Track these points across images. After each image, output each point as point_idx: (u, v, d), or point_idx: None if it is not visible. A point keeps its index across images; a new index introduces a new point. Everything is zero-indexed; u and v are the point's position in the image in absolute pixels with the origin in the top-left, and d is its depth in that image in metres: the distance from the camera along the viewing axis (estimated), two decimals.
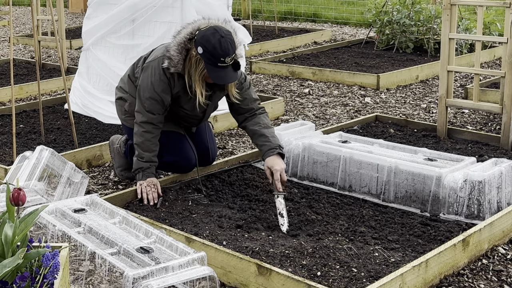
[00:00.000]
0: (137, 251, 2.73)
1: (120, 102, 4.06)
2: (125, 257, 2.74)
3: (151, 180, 3.76)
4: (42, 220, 3.03)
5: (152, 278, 2.51)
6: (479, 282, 3.01)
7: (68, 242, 2.87)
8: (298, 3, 12.88)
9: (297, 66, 7.39)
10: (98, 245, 2.83)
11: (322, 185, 4.04)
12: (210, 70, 3.53)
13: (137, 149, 3.81)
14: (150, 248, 2.75)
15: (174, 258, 2.66)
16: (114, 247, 2.80)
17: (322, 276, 2.92)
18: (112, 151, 4.26)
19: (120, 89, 4.06)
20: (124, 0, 5.28)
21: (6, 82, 7.00)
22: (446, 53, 4.87)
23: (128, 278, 2.49)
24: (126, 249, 2.75)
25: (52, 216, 3.10)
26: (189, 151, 3.94)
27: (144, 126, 3.75)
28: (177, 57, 3.59)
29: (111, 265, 2.65)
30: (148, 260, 2.65)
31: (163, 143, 3.87)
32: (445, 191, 3.54)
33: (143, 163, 3.79)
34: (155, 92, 3.69)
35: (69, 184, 3.76)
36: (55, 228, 2.96)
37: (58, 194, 3.63)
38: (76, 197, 3.46)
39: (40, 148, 3.78)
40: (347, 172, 3.92)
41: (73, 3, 14.26)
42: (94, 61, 5.63)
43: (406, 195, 3.70)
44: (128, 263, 2.66)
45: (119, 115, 4.11)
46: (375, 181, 3.81)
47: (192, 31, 3.60)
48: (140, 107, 3.76)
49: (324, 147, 4.05)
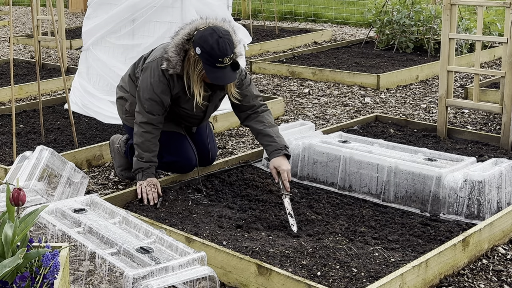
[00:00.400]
0: (137, 251, 2.73)
1: (121, 101, 4.06)
2: (125, 257, 2.74)
3: (151, 180, 3.76)
4: (42, 220, 3.04)
5: (152, 278, 2.51)
6: (479, 282, 3.01)
7: (68, 242, 2.87)
8: (298, 3, 12.88)
9: (297, 66, 7.39)
10: (98, 245, 2.83)
11: (322, 185, 4.04)
12: (208, 70, 3.52)
13: (137, 149, 3.81)
14: (150, 248, 2.75)
15: (174, 258, 2.66)
16: (114, 247, 2.80)
17: (322, 276, 2.92)
18: (112, 150, 4.26)
19: (121, 88, 4.06)
20: (124, 0, 5.28)
21: (6, 82, 7.00)
22: (446, 53, 4.87)
23: (128, 278, 2.49)
24: (126, 249, 2.75)
25: (52, 216, 3.10)
26: (189, 151, 3.94)
27: (144, 126, 3.76)
28: (175, 58, 3.59)
29: (111, 265, 2.65)
30: (148, 260, 2.65)
31: (163, 143, 3.87)
32: (445, 191, 3.54)
33: (143, 163, 3.79)
34: (154, 93, 3.69)
35: (69, 184, 3.76)
36: (55, 228, 2.96)
37: (58, 194, 3.64)
38: (76, 197, 3.46)
39: (40, 148, 3.78)
40: (347, 172, 3.92)
41: (73, 3, 14.26)
42: (94, 61, 5.63)
43: (406, 195, 3.70)
44: (128, 263, 2.66)
45: (120, 115, 4.12)
46: (375, 181, 3.81)
47: (190, 31, 3.60)
48: (140, 107, 3.76)
49: (324, 147, 4.05)
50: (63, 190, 3.69)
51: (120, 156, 4.20)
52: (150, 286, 2.46)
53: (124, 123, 4.11)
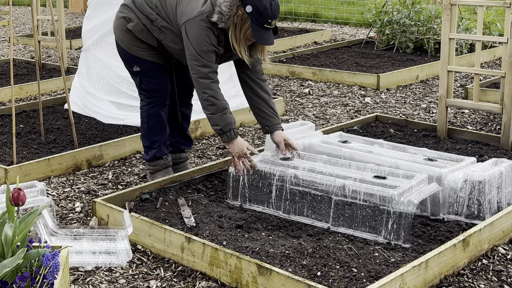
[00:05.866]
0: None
1: (122, 20, 3.95)
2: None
3: (241, 149, 3.69)
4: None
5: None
6: (479, 282, 3.01)
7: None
8: (298, 3, 12.88)
9: (297, 66, 7.39)
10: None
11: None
12: (255, 29, 3.56)
13: (216, 102, 3.65)
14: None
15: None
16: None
17: (322, 276, 2.92)
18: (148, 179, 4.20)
19: (126, 7, 3.94)
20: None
21: (6, 82, 7.00)
22: (446, 53, 4.87)
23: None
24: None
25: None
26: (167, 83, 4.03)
27: (212, 76, 3.65)
28: (228, 13, 3.58)
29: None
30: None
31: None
32: (445, 191, 3.54)
33: (230, 116, 3.68)
34: (211, 44, 3.64)
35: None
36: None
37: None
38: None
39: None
40: None
41: (73, 3, 14.26)
42: (94, 61, 5.63)
43: None
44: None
45: (116, 34, 4.01)
46: None
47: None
48: (196, 62, 3.65)
49: (324, 147, 4.04)
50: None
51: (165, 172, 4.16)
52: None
53: (118, 43, 4.01)
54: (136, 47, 3.92)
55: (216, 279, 3.04)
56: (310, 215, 3.50)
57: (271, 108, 3.86)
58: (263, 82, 3.90)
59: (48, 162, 4.37)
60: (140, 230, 3.36)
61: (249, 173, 3.69)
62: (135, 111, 5.18)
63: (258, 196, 3.68)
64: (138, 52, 3.92)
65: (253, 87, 3.87)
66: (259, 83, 3.88)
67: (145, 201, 3.74)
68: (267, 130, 3.87)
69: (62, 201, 4.00)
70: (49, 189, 4.17)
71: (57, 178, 4.37)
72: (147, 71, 3.97)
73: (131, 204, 3.68)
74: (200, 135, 5.20)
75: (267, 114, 3.85)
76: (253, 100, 3.89)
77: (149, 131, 4.05)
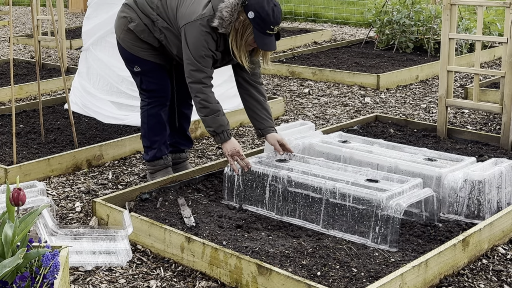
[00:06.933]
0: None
1: (123, 20, 3.94)
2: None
3: (233, 148, 3.71)
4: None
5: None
6: (479, 282, 3.01)
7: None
8: (298, 3, 12.88)
9: (297, 66, 7.39)
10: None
11: None
12: (256, 35, 3.55)
13: (208, 105, 3.68)
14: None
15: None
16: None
17: (322, 276, 2.92)
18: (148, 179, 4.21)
19: (128, 7, 3.94)
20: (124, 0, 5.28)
21: (6, 82, 7.00)
22: (446, 53, 4.87)
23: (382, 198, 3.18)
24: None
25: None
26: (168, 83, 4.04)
27: (206, 81, 3.68)
28: (229, 18, 3.57)
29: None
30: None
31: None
32: (445, 191, 3.54)
33: (223, 118, 3.71)
34: (209, 49, 3.65)
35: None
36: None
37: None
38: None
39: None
40: None
41: (73, 3, 14.26)
42: (94, 61, 5.63)
43: None
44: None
45: (117, 33, 4.00)
46: None
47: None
48: (191, 66, 3.67)
49: (324, 147, 4.04)
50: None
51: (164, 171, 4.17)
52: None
53: (119, 42, 4.01)
54: (137, 47, 3.92)
55: (216, 279, 3.04)
56: (302, 217, 3.49)
57: (265, 111, 3.85)
58: (260, 85, 3.90)
59: (48, 162, 4.37)
60: (140, 230, 3.36)
61: (244, 171, 3.69)
62: (135, 111, 5.18)
63: (252, 197, 3.68)
64: (139, 52, 3.93)
65: (249, 90, 3.87)
66: (256, 86, 3.88)
67: (145, 201, 3.74)
68: (260, 133, 3.87)
69: (62, 201, 4.00)
70: (49, 189, 4.17)
71: (57, 178, 4.37)
72: (148, 71, 3.97)
73: (131, 204, 3.69)
74: (200, 135, 5.20)
75: (261, 117, 3.85)
76: (248, 102, 3.89)
77: (149, 131, 4.06)
